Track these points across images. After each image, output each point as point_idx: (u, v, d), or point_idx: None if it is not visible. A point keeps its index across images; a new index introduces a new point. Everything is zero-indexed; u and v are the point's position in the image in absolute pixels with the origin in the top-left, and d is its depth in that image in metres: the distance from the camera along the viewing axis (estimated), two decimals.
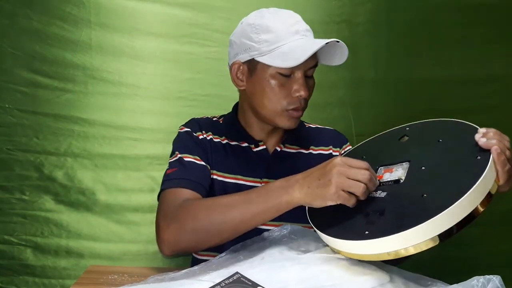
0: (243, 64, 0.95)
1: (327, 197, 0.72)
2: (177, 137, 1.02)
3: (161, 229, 0.84)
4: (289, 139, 1.04)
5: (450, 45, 1.60)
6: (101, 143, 1.53)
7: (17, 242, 1.52)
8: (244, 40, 0.93)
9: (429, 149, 0.77)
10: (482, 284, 0.60)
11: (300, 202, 0.76)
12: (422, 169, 0.73)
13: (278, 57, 0.89)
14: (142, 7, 1.52)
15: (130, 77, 1.53)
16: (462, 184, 0.64)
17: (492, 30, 1.61)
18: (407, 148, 0.81)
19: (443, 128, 0.80)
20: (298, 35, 0.91)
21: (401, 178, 0.74)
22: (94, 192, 1.53)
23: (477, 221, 1.65)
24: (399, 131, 0.86)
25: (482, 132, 0.70)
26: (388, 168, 0.78)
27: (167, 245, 0.84)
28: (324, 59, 0.96)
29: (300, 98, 0.92)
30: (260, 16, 0.94)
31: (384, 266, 0.74)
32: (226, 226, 0.81)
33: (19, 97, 1.50)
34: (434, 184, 0.69)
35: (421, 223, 0.62)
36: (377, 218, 0.68)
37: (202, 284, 0.70)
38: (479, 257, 1.63)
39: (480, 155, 0.68)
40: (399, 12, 1.59)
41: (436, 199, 0.65)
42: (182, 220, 0.82)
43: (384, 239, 0.64)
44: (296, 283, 0.69)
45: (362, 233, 0.67)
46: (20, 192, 1.52)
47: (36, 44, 1.49)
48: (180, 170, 0.94)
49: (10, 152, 1.51)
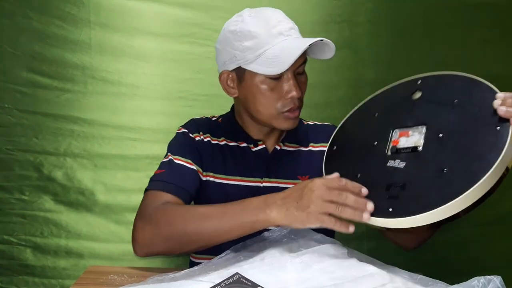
0: (232, 72, 0.94)
1: (306, 220, 0.73)
2: (174, 137, 1.02)
3: (136, 229, 0.85)
4: (288, 137, 1.03)
5: (450, 45, 1.60)
6: (100, 143, 1.53)
7: (17, 242, 1.52)
8: (228, 49, 0.92)
9: (445, 111, 0.74)
10: (482, 284, 0.60)
11: (277, 222, 0.76)
12: (440, 136, 0.72)
13: (264, 64, 0.88)
14: (142, 7, 1.51)
15: (130, 77, 1.53)
16: (482, 162, 0.64)
17: (492, 30, 1.61)
18: (421, 107, 0.78)
19: (457, 86, 0.77)
20: (282, 36, 0.89)
21: (418, 146, 0.73)
22: (93, 192, 1.53)
23: (477, 221, 1.65)
24: (411, 85, 0.83)
25: (500, 98, 0.69)
26: (404, 131, 0.77)
27: (141, 247, 0.85)
28: (313, 54, 0.95)
29: (294, 99, 0.91)
30: (240, 20, 0.92)
31: (384, 267, 0.74)
32: (200, 237, 0.81)
33: (19, 97, 1.50)
34: (454, 158, 0.68)
35: (441, 205, 0.63)
36: (399, 192, 0.70)
37: (202, 284, 0.70)
38: (480, 258, 1.63)
39: (500, 125, 0.67)
40: (399, 12, 1.59)
41: (456, 178, 0.65)
42: (157, 224, 0.83)
43: (406, 219, 0.66)
44: (296, 284, 0.69)
45: (385, 209, 0.69)
46: (20, 192, 1.52)
47: (36, 44, 1.49)
48: (167, 173, 0.93)
49: (9, 152, 1.51)
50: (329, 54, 0.93)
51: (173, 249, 0.85)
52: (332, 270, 0.71)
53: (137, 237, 0.84)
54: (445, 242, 1.62)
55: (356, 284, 0.67)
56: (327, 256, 0.75)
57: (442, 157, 0.70)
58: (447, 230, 1.60)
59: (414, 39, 1.60)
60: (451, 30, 1.60)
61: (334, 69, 1.56)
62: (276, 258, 0.76)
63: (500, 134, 0.66)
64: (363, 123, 0.88)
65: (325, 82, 1.55)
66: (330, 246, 0.78)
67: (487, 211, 1.61)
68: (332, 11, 1.56)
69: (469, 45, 1.60)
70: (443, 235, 1.60)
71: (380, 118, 0.83)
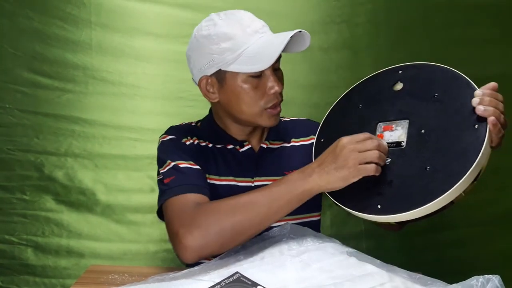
0: (211, 77, 0.94)
1: (349, 176, 0.76)
2: (161, 146, 0.99)
3: (182, 236, 0.81)
4: (271, 135, 1.04)
5: (450, 45, 1.60)
6: (101, 143, 1.53)
7: (18, 242, 1.53)
8: (204, 54, 0.92)
9: (426, 105, 0.79)
10: (481, 283, 0.60)
11: (321, 189, 0.79)
12: (422, 132, 0.76)
13: (246, 63, 0.88)
14: (142, 8, 1.52)
15: (131, 77, 1.53)
16: (461, 162, 0.70)
17: (492, 30, 1.62)
18: (403, 99, 0.82)
19: (437, 79, 0.81)
20: (258, 34, 0.90)
21: (402, 141, 0.78)
22: (94, 192, 1.53)
23: (477, 221, 1.66)
24: (392, 75, 0.87)
25: (478, 97, 0.73)
26: (387, 124, 0.81)
27: (191, 252, 0.81)
28: (288, 48, 0.94)
29: (276, 94, 0.93)
30: (212, 24, 0.91)
31: (383, 266, 0.74)
32: (251, 223, 0.81)
33: (20, 97, 1.51)
34: (436, 157, 0.73)
35: (424, 205, 0.69)
36: (387, 189, 0.75)
37: (202, 283, 0.70)
38: (479, 257, 1.63)
39: (478, 124, 0.71)
40: (399, 12, 1.59)
41: (438, 177, 0.71)
42: (205, 225, 0.81)
43: (394, 216, 0.72)
44: (296, 283, 0.69)
45: (375, 206, 0.74)
46: (21, 192, 1.52)
47: (37, 44, 1.49)
48: (179, 177, 0.92)
49: (10, 152, 1.52)
50: (303, 46, 0.94)
51: (225, 244, 0.82)
52: (331, 269, 0.72)
53: (186, 243, 0.81)
54: (444, 242, 1.62)
55: (355, 283, 0.67)
56: (327, 255, 0.76)
57: (425, 155, 0.74)
58: (447, 229, 1.61)
59: (414, 39, 1.60)
60: (451, 30, 1.60)
61: (334, 69, 1.57)
62: (276, 257, 0.76)
63: (478, 134, 0.71)
64: (349, 115, 0.90)
65: (325, 82, 1.56)
66: (329, 245, 0.79)
67: (486, 210, 1.61)
68: (332, 12, 1.56)
69: (469, 45, 1.60)
70: (442, 235, 1.61)
71: (364, 111, 0.86)
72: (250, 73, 0.90)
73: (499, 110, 0.72)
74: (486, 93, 0.73)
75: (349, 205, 0.78)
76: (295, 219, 0.97)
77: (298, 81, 1.57)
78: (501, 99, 0.74)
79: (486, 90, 0.74)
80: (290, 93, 1.59)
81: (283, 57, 0.91)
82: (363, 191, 0.77)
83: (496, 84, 0.75)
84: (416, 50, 1.59)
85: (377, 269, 0.71)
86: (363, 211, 0.76)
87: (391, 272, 0.71)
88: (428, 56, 1.58)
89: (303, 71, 1.57)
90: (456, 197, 0.70)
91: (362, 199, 0.77)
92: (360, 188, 0.77)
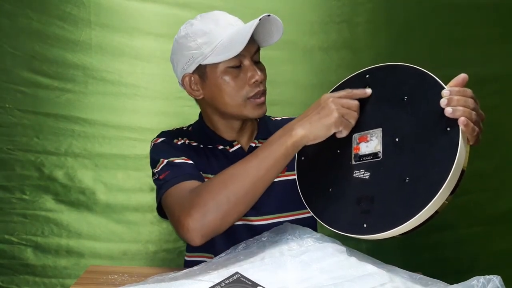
0: (193, 74, 0.97)
1: (332, 124, 0.78)
2: (154, 148, 1.01)
3: (183, 220, 0.82)
4: (260, 134, 1.05)
5: (450, 45, 1.60)
6: (101, 143, 1.53)
7: (18, 242, 1.53)
8: (184, 53, 0.95)
9: (396, 110, 0.76)
10: (482, 284, 0.60)
11: (304, 139, 0.80)
12: (396, 140, 0.74)
13: (222, 52, 0.91)
14: (142, 7, 1.52)
15: (130, 77, 1.53)
16: (439, 169, 0.67)
17: (493, 30, 1.61)
18: (374, 106, 0.80)
19: (404, 80, 0.77)
20: (231, 26, 0.94)
21: (379, 152, 0.76)
22: (94, 191, 1.53)
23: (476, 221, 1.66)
24: (360, 80, 0.84)
25: (446, 97, 0.69)
26: (362, 135, 0.79)
27: (196, 233, 0.81)
28: (264, 41, 0.97)
29: (257, 83, 0.94)
30: (189, 25, 0.96)
31: (384, 266, 0.74)
32: (245, 190, 0.81)
33: (20, 97, 1.50)
34: (413, 166, 0.71)
35: (409, 220, 0.67)
36: (369, 206, 0.73)
37: (202, 284, 0.70)
38: (479, 257, 1.63)
39: (449, 126, 0.68)
40: (399, 12, 1.59)
41: (419, 189, 0.68)
42: (202, 204, 0.82)
43: (380, 235, 0.71)
44: (296, 283, 0.69)
45: (360, 225, 0.73)
46: (21, 192, 1.52)
47: (36, 44, 1.49)
48: (174, 171, 0.93)
49: (10, 152, 1.52)
50: (277, 36, 0.95)
51: (226, 218, 0.82)
52: (331, 269, 0.72)
53: (188, 226, 0.81)
54: (444, 242, 1.62)
55: (355, 284, 0.67)
56: (327, 255, 0.76)
57: (402, 165, 0.72)
58: (447, 229, 1.61)
59: (414, 39, 1.60)
60: (451, 30, 1.60)
61: (334, 69, 1.57)
62: (276, 258, 0.76)
63: (451, 137, 0.68)
64: None
65: (325, 82, 1.55)
66: (329, 246, 0.79)
67: (486, 211, 1.61)
68: (332, 12, 1.56)
69: (469, 45, 1.60)
70: (442, 235, 1.61)
71: None
72: (228, 63, 0.92)
73: (469, 108, 0.68)
74: (453, 92, 0.69)
75: (335, 226, 0.77)
76: (292, 216, 0.98)
77: (298, 81, 1.57)
78: (470, 95, 0.70)
79: (454, 88, 0.70)
80: (290, 93, 1.62)
81: (283, 57, 0.91)
82: (347, 210, 0.76)
83: (465, 75, 0.71)
84: (416, 50, 1.59)
85: (377, 270, 0.71)
86: (350, 232, 0.74)
87: (391, 273, 0.71)
88: (428, 56, 1.59)
89: (303, 71, 1.57)
90: (440, 206, 0.67)
91: (347, 219, 0.76)
92: (345, 206, 0.76)
